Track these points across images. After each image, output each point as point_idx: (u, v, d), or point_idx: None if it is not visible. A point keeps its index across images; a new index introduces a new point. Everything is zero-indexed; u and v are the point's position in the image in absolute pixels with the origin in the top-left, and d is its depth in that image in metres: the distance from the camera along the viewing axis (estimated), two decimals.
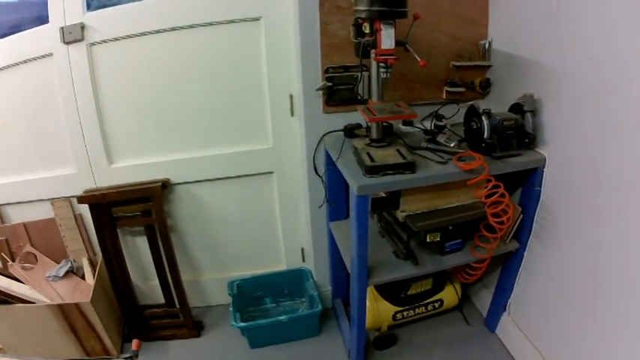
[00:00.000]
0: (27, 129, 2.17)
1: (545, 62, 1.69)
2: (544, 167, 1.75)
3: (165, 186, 2.06)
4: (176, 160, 2.09)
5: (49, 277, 2.22)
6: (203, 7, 1.89)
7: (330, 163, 1.88)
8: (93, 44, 1.97)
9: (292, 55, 1.91)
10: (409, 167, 1.56)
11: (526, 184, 1.84)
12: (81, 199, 2.09)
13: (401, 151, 1.64)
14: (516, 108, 1.76)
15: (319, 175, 2.01)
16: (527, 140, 1.74)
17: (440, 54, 1.93)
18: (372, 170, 1.54)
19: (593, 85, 1.47)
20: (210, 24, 1.90)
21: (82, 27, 1.94)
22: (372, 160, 1.58)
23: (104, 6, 2.07)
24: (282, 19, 1.88)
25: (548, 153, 1.73)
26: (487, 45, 1.95)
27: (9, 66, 2.08)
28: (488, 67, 1.99)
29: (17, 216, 2.40)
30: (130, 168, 2.10)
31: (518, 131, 1.73)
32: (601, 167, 1.48)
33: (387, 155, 1.62)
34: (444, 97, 1.99)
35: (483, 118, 1.69)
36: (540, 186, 1.79)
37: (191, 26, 1.90)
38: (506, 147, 1.72)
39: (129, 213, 2.09)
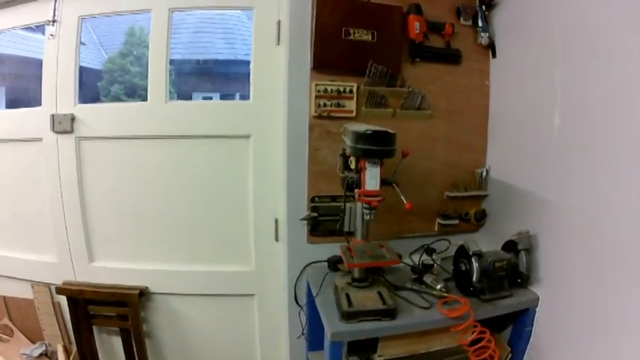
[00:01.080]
0: (12, 206, 2.15)
1: (544, 196, 1.63)
2: (536, 307, 1.66)
3: (143, 294, 2.00)
4: (155, 270, 2.02)
5: (23, 354, 2.17)
6: (195, 119, 1.86)
7: (311, 294, 1.79)
8: (82, 138, 1.94)
9: (279, 177, 1.84)
10: (389, 314, 1.48)
11: (516, 323, 1.74)
12: (59, 290, 2.05)
13: (382, 293, 1.56)
14: (510, 245, 1.69)
15: (300, 305, 1.92)
16: (519, 280, 1.65)
17: (433, 183, 1.86)
18: (348, 316, 1.46)
19: (591, 222, 1.41)
20: (203, 136, 1.86)
21: (72, 119, 1.92)
22: (349, 304, 1.50)
23: (115, 81, 2.05)
24: (272, 139, 1.83)
25: (542, 292, 1.65)
26: (484, 173, 1.88)
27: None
28: (484, 196, 1.91)
29: (4, 287, 2.37)
30: (110, 270, 2.04)
31: (511, 271, 1.64)
32: (597, 310, 1.40)
33: (367, 299, 1.54)
34: (436, 229, 1.91)
35: (473, 260, 1.60)
36: (532, 326, 1.69)
37: (182, 136, 1.87)
38: (497, 288, 1.63)
39: (105, 313, 2.02)
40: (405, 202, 1.42)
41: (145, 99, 1.89)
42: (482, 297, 1.60)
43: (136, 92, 2.03)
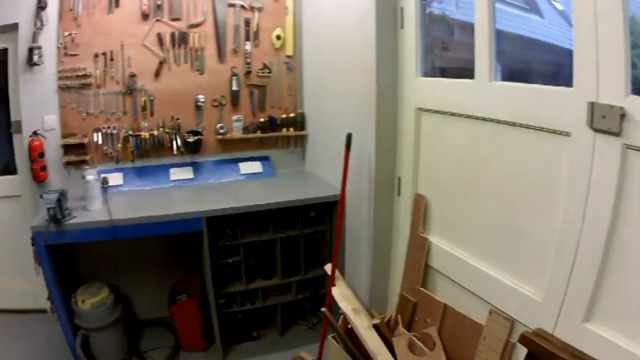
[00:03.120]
0: (505, 210, 1.81)
1: None
2: None
3: None
4: None
5: None
6: None
7: None
8: (632, 147, 1.30)
9: None
10: None
11: None
12: (523, 340, 1.55)
13: None
14: None
15: None
16: None
17: None
18: None
19: None
20: None
21: (622, 115, 1.29)
22: None
23: None
24: None
25: None
26: None
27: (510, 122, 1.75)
28: None
29: (445, 292, 2.17)
30: (601, 340, 1.37)
31: None
32: None
33: None
34: None
35: None
36: None
37: None
38: None
39: None
40: None
41: None
42: None
43: None
